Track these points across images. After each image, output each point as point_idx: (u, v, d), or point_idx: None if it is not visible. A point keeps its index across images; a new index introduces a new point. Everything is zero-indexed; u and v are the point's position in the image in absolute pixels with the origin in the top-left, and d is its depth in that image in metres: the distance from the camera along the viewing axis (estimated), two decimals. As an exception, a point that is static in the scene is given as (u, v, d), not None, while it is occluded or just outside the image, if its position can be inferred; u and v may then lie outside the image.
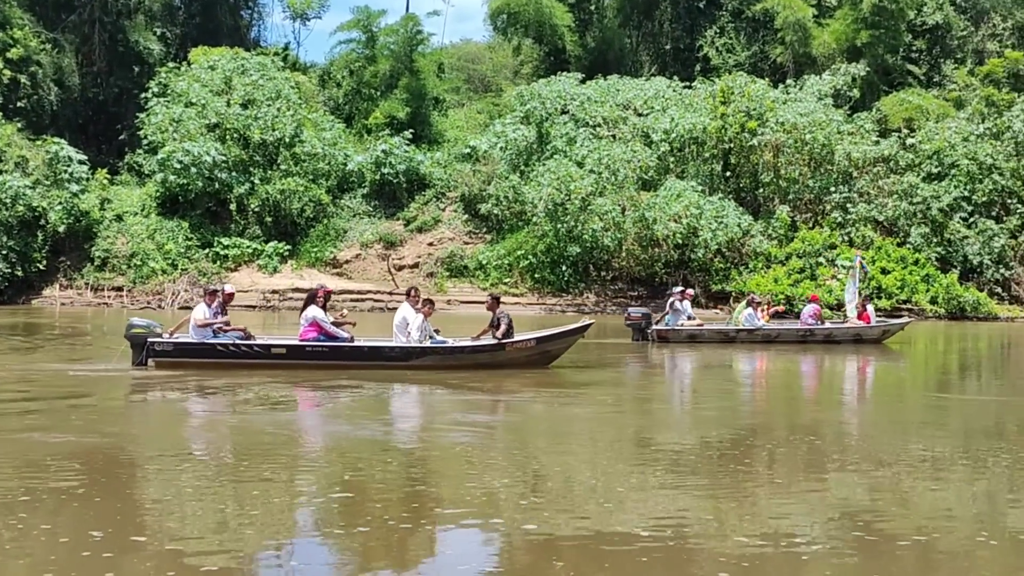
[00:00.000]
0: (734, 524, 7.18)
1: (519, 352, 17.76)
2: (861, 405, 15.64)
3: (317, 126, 52.74)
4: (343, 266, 47.63)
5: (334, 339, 17.15)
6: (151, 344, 16.58)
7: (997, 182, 46.81)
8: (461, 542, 6.84)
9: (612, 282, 45.64)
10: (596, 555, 6.35)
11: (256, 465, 9.06)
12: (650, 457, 9.97)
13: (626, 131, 49.88)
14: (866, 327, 27.00)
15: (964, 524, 7.28)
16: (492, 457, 9.87)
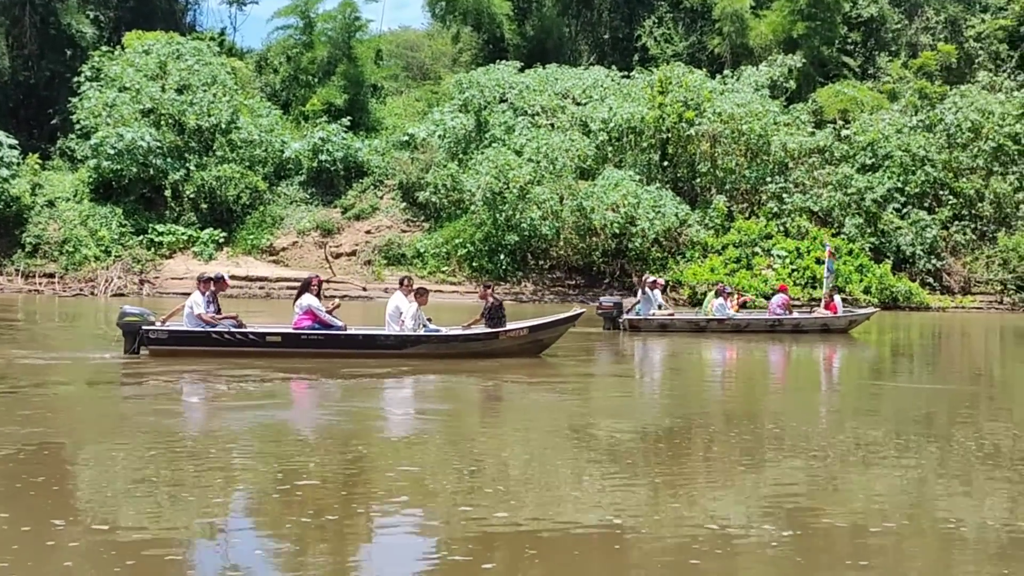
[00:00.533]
0: (670, 512, 7.18)
1: (512, 341, 17.81)
2: (807, 393, 15.76)
3: (254, 112, 52.25)
4: (280, 253, 47.26)
5: (329, 327, 17.07)
6: (145, 332, 16.44)
7: (929, 174, 47.45)
8: (397, 531, 6.79)
9: (550, 271, 45.72)
10: (532, 544, 6.33)
11: (205, 452, 8.94)
12: (595, 445, 9.96)
13: (564, 120, 50.00)
14: (833, 317, 27.23)
15: (896, 511, 7.33)
16: (439, 446, 9.81)
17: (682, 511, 7.23)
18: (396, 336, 17.12)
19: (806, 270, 43.69)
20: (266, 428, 10.65)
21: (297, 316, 17.16)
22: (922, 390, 15.95)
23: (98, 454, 9.00)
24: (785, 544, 6.43)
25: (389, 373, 15.39)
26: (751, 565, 6.09)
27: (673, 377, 17.88)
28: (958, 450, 9.96)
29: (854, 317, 27.92)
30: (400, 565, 6.04)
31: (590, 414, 12.47)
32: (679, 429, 11.24)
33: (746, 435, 10.72)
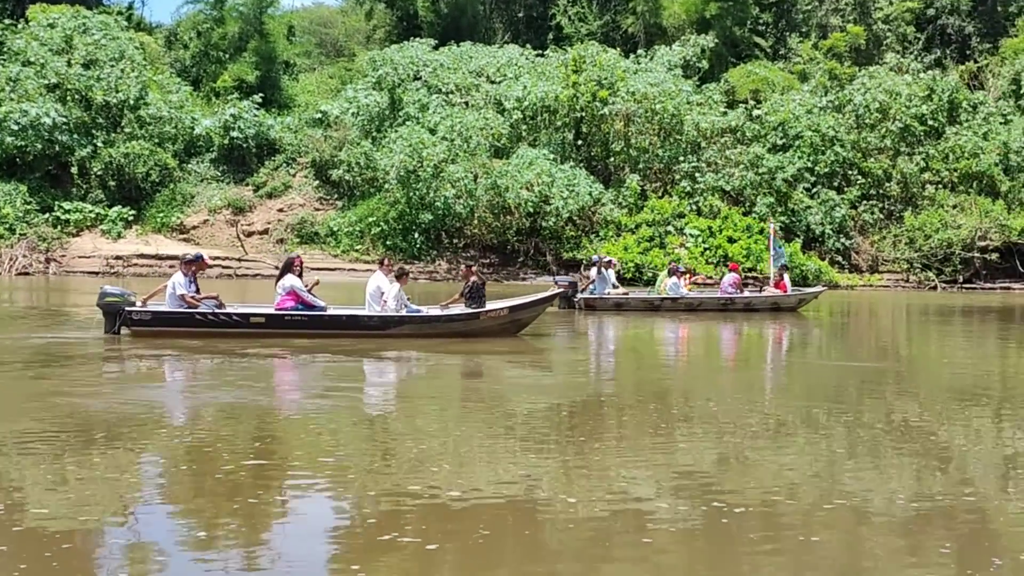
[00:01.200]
0: (582, 488, 7.21)
1: (492, 320, 18.11)
2: (747, 371, 15.93)
3: (163, 88, 51.38)
4: (190, 232, 46.62)
5: (311, 307, 17.14)
6: (128, 313, 16.42)
7: (839, 154, 48.07)
8: (309, 506, 6.76)
9: (464, 249, 45.64)
10: (444, 518, 6.32)
11: (121, 434, 8.79)
12: (513, 422, 9.99)
13: (479, 98, 49.89)
14: (783, 296, 27.78)
15: (806, 488, 7.43)
16: (358, 422, 9.78)
17: (595, 486, 7.26)
18: (379, 317, 17.30)
19: (718, 249, 44.14)
20: (203, 408, 10.53)
21: (280, 297, 17.23)
22: (851, 368, 16.17)
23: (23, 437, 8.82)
24: (696, 519, 6.49)
25: (361, 352, 15.67)
26: (664, 542, 6.12)
27: (618, 355, 18.26)
28: (868, 426, 10.13)
29: (803, 296, 28.60)
30: (311, 538, 6.01)
31: (524, 390, 12.58)
32: (607, 405, 11.36)
33: (673, 410, 10.93)
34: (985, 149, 48.57)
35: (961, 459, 8.63)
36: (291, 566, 5.60)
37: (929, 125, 49.58)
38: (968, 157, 48.51)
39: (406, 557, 5.72)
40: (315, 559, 5.76)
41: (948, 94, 50.54)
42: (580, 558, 5.74)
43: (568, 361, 16.90)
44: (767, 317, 25.72)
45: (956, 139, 49.14)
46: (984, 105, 52.23)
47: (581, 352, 18.47)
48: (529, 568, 5.58)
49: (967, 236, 45.69)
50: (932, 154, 49.05)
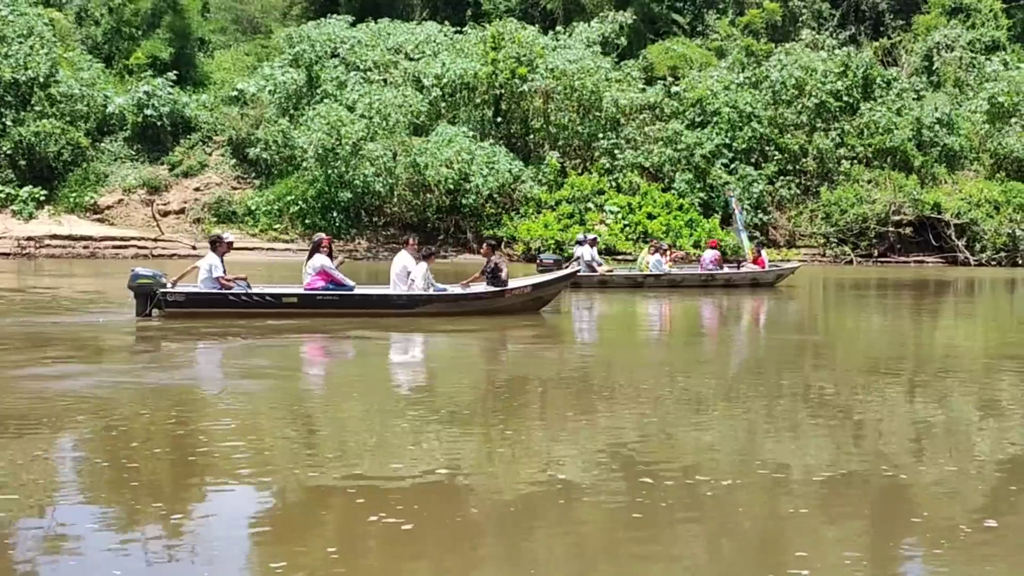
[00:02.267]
0: (507, 465, 7.19)
1: (516, 298, 18.49)
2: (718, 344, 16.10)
3: (74, 66, 50.34)
4: (105, 212, 45.80)
5: (341, 286, 17.34)
6: (163, 295, 16.43)
7: (756, 130, 48.51)
8: (233, 494, 6.65)
9: (384, 227, 45.41)
10: (370, 499, 6.25)
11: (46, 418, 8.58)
12: (439, 403, 9.90)
13: (397, 76, 49.56)
14: (762, 271, 28.28)
15: (727, 459, 7.47)
16: (291, 406, 9.65)
17: (521, 462, 7.24)
18: (408, 296, 17.61)
19: (638, 225, 44.40)
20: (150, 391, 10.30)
21: (310, 277, 17.34)
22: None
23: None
24: (621, 493, 6.50)
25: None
26: (587, 516, 6.11)
27: (593, 332, 18.92)
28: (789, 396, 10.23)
29: (781, 271, 29.28)
30: (234, 522, 5.93)
31: (459, 372, 12.60)
32: (550, 382, 11.40)
33: (623, 385, 10.98)
34: (899, 125, 49.35)
35: (875, 427, 8.74)
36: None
37: (844, 101, 50.24)
38: (882, 133, 49.27)
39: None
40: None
41: (862, 70, 51.24)
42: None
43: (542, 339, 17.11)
44: (747, 293, 26.35)
45: (870, 115, 49.87)
46: (897, 81, 53.09)
47: (564, 330, 18.72)
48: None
49: (882, 211, 46.43)
50: (847, 130, 49.74)
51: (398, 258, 18.25)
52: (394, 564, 5.29)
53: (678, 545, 5.70)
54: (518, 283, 18.96)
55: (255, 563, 5.41)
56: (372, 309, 17.50)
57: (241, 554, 5.54)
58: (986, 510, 6.34)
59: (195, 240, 43.40)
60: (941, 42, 58.65)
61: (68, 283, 26.99)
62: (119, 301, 19.07)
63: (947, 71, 57.48)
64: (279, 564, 5.24)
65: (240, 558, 5.48)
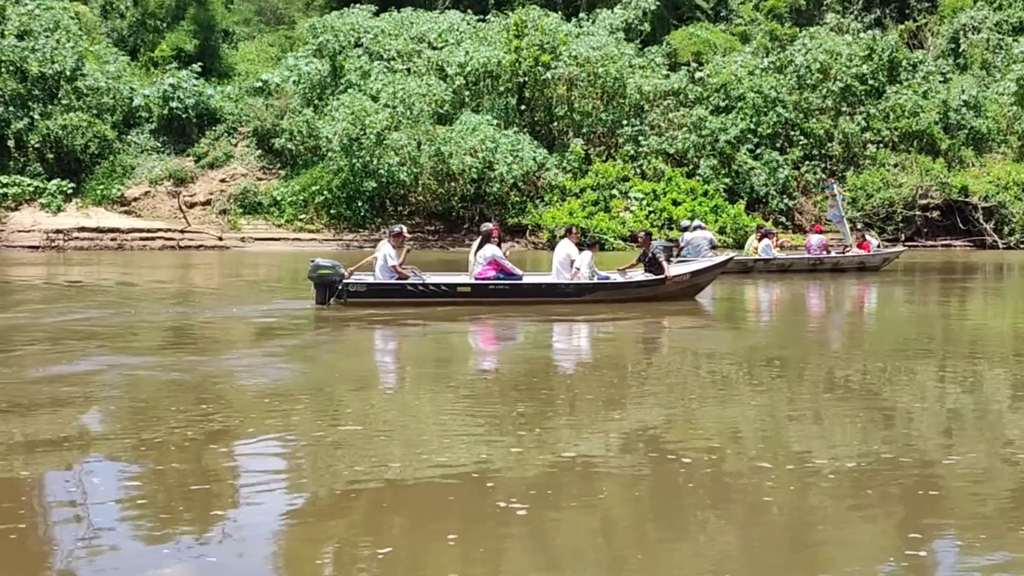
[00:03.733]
0: (535, 449, 7.23)
1: (676, 285, 18.86)
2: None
3: (100, 59, 50.58)
4: (131, 204, 46.03)
5: (511, 275, 17.87)
6: (345, 285, 17.12)
7: (781, 114, 48.34)
8: (261, 464, 6.80)
9: (409, 217, 45.44)
10: (398, 489, 6.30)
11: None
12: (476, 391, 9.97)
13: (421, 65, 49.63)
14: (868, 256, 28.95)
15: (749, 444, 7.51)
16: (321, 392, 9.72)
17: (548, 447, 7.28)
18: (576, 284, 18.05)
19: (663, 211, 44.32)
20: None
21: (481, 267, 17.84)
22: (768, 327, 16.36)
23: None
24: (646, 475, 6.54)
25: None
26: (614, 503, 6.16)
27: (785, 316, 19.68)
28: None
29: (887, 255, 30.04)
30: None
31: (505, 362, 12.58)
32: (576, 369, 11.45)
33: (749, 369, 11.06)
34: (925, 108, 49.11)
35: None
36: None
37: (869, 85, 50.01)
38: (908, 116, 49.02)
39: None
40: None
41: (888, 53, 50.96)
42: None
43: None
44: (853, 277, 26.86)
45: (896, 98, 49.63)
46: (923, 64, 52.80)
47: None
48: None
49: (908, 194, 46.21)
50: (873, 113, 49.50)
51: (561, 246, 18.69)
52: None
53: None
54: (678, 270, 19.36)
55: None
56: (541, 297, 18.05)
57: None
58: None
59: (221, 231, 43.60)
60: (968, 24, 58.30)
61: (137, 275, 26.96)
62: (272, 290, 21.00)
63: (974, 53, 57.13)
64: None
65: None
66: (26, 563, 5.21)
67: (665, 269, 18.81)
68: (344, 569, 5.22)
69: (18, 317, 16.25)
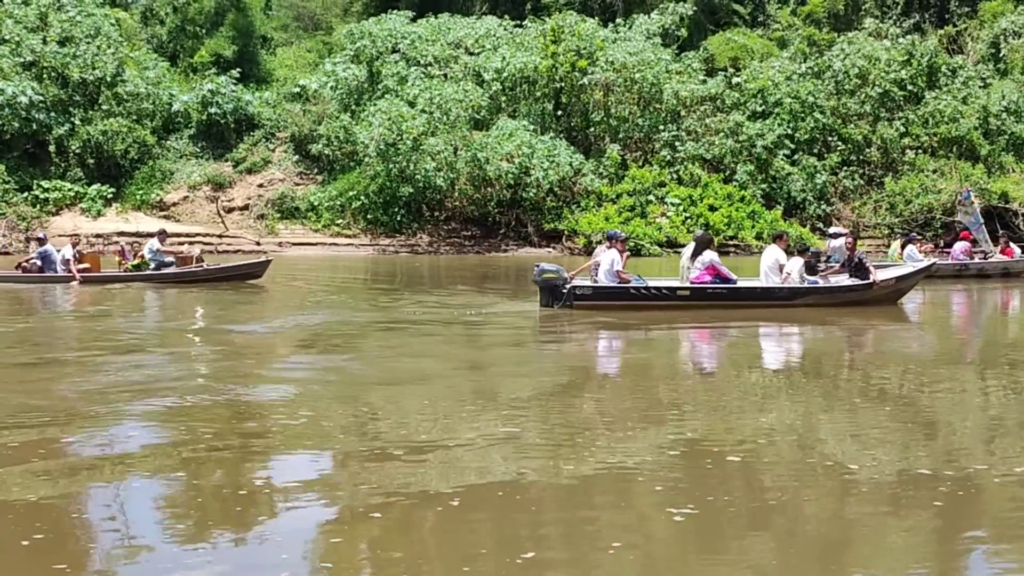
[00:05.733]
0: (570, 452, 7.25)
1: (882, 290, 19.30)
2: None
3: (140, 65, 51.05)
4: (170, 208, 46.41)
5: (727, 280, 18.33)
6: (571, 289, 17.76)
7: (819, 120, 48.12)
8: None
9: (445, 222, 45.58)
10: (430, 498, 6.34)
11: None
12: (504, 402, 10.00)
13: (457, 70, 49.69)
14: (1012, 261, 29.17)
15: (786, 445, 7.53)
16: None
17: (584, 451, 7.27)
18: (790, 288, 18.53)
19: (699, 217, 44.15)
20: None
21: (698, 272, 18.37)
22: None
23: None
24: (681, 476, 6.52)
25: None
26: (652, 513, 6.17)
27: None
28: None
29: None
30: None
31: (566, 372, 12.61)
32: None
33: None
34: (964, 113, 48.69)
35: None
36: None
37: (908, 90, 49.65)
38: (948, 122, 48.61)
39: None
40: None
41: (927, 59, 50.59)
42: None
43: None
44: (998, 282, 27.35)
45: (935, 104, 49.21)
46: (963, 69, 52.32)
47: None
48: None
49: (948, 200, 45.76)
50: (912, 119, 49.13)
51: (770, 251, 19.15)
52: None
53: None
54: (884, 275, 19.71)
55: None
56: (755, 301, 18.48)
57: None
58: None
59: (259, 236, 43.85)
60: (1008, 28, 57.72)
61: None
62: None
63: (1015, 58, 56.58)
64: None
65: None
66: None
67: (872, 274, 19.15)
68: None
69: (308, 323, 17.32)
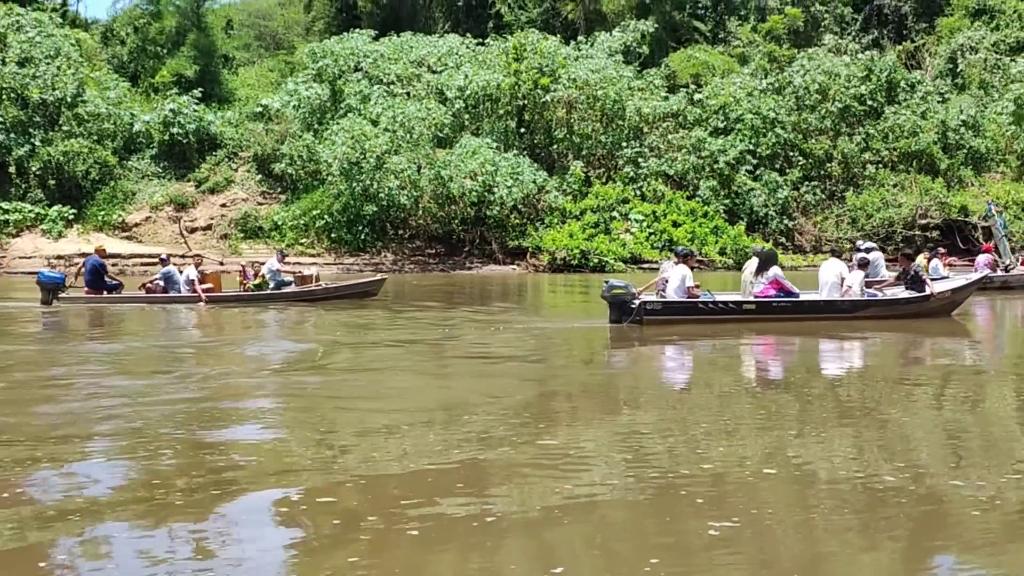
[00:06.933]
0: (531, 471, 7.21)
1: (938, 302, 19.44)
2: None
3: (101, 85, 50.79)
4: (132, 229, 46.15)
5: (790, 294, 18.63)
6: (642, 304, 17.88)
7: (780, 135, 48.49)
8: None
9: (409, 240, 45.53)
10: (398, 515, 6.29)
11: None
12: (480, 411, 9.96)
13: (420, 88, 49.75)
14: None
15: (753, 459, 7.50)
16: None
17: (546, 468, 7.24)
18: (851, 301, 18.74)
19: (663, 233, 44.35)
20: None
21: (763, 286, 18.66)
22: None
23: None
24: (644, 494, 6.51)
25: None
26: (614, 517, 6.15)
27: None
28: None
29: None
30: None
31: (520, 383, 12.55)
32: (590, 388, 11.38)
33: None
34: (923, 128, 49.23)
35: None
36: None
37: (868, 105, 50.14)
38: (907, 136, 49.12)
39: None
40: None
41: (886, 74, 51.13)
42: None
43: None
44: (1020, 294, 27.60)
45: (895, 118, 49.73)
46: (922, 84, 52.93)
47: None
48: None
49: (908, 214, 46.30)
50: (872, 134, 49.62)
51: (831, 265, 19.59)
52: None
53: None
54: (940, 287, 19.99)
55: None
56: (818, 314, 18.65)
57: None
58: None
59: (223, 256, 43.65)
60: (965, 44, 58.50)
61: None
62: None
63: (972, 73, 57.31)
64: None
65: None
66: None
67: (929, 286, 19.49)
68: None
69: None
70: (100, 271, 24.45)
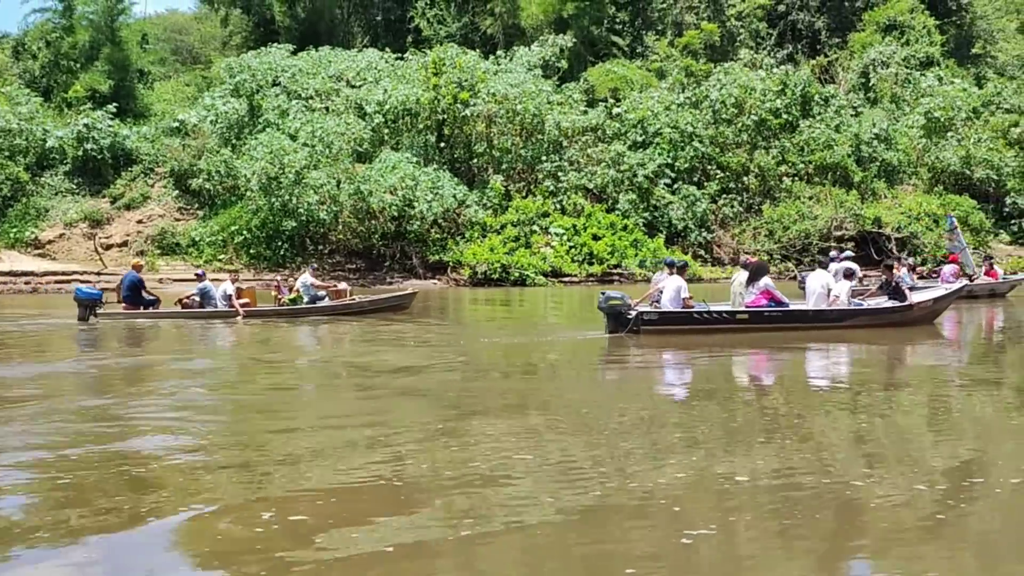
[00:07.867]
0: (457, 487, 7.17)
1: (920, 311, 20.27)
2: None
3: (11, 100, 49.96)
4: (46, 247, 45.40)
5: (781, 304, 19.11)
6: (640, 315, 18.44)
7: (697, 149, 48.90)
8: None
9: (330, 255, 45.24)
10: (343, 536, 6.23)
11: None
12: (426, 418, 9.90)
13: (339, 103, 49.56)
14: (997, 283, 30.79)
15: (680, 472, 7.52)
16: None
17: (475, 489, 7.20)
18: (839, 310, 19.33)
19: (583, 246, 44.53)
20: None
21: (754, 296, 19.15)
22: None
23: None
24: (574, 520, 6.50)
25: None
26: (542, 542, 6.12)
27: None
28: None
29: (1013, 283, 31.99)
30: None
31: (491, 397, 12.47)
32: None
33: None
34: (838, 141, 50.00)
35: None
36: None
37: (783, 119, 50.76)
38: (822, 149, 49.83)
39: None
40: None
41: (801, 88, 51.81)
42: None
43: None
44: (986, 303, 28.64)
45: (810, 132, 50.42)
46: (835, 98, 53.77)
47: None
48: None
49: (824, 226, 46.96)
50: (787, 147, 50.23)
51: (817, 277, 20.08)
52: None
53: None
54: (921, 297, 20.88)
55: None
56: (808, 323, 19.20)
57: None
58: None
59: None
60: (877, 59, 59.57)
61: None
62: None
63: (883, 87, 58.38)
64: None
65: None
66: None
67: (908, 296, 20.34)
68: None
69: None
70: (138, 287, 24.86)
